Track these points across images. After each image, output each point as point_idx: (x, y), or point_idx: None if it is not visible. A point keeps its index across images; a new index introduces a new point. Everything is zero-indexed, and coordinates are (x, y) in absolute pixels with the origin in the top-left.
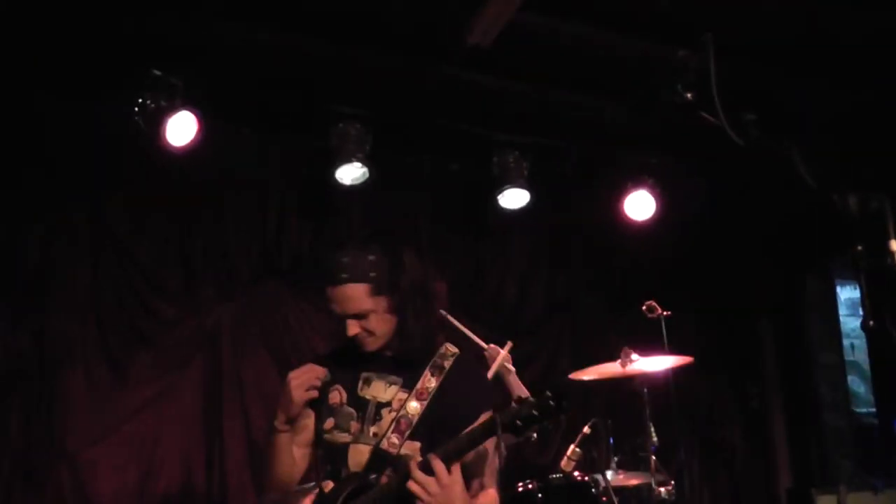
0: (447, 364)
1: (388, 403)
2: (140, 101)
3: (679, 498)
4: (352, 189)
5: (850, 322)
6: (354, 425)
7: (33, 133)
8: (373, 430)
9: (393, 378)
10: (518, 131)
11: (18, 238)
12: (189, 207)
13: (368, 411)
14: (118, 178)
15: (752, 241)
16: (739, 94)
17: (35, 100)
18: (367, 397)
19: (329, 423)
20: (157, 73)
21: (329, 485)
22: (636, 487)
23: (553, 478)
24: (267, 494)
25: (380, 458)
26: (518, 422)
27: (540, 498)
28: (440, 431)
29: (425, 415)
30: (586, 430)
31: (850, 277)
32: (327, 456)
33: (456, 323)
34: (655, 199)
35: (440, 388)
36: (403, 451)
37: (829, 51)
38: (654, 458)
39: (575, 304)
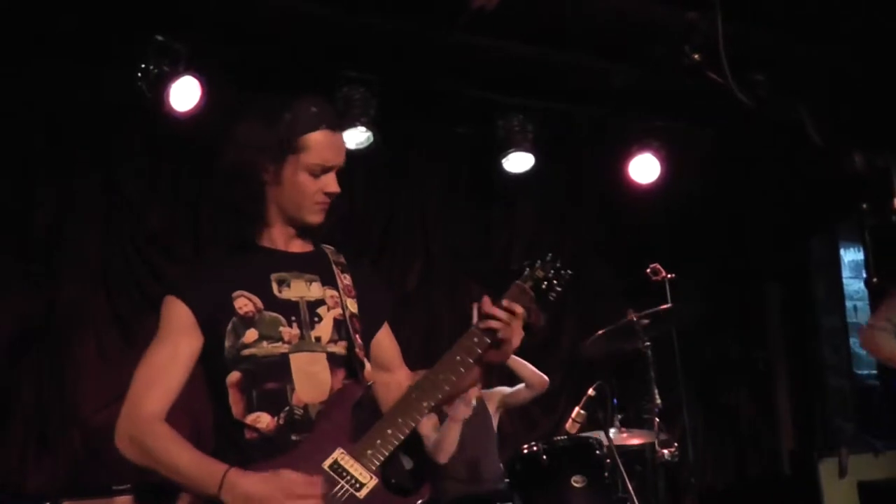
0: (343, 260)
1: (322, 301)
2: (143, 66)
3: (682, 459)
4: (357, 153)
5: (854, 284)
6: (288, 331)
7: (42, 98)
8: (314, 333)
9: (308, 275)
10: (523, 95)
11: (30, 203)
12: (196, 171)
13: (301, 314)
14: (127, 143)
15: (757, 204)
16: (747, 57)
17: (42, 65)
18: (293, 298)
19: (250, 334)
20: (160, 38)
21: (268, 420)
22: (640, 447)
23: (557, 439)
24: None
25: (359, 367)
26: (544, 285)
27: (545, 459)
28: (369, 334)
29: (360, 314)
30: (591, 392)
31: (853, 240)
32: (254, 375)
33: None
34: (661, 162)
35: (355, 285)
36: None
37: (837, 14)
38: (657, 419)
39: (581, 267)
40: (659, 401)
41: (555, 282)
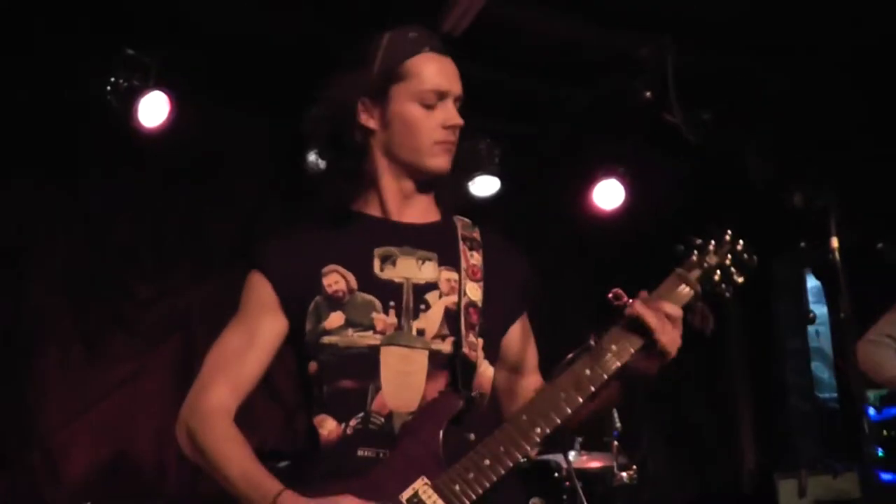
0: (476, 236)
1: (434, 285)
2: (112, 80)
3: (642, 482)
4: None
5: (817, 309)
6: (382, 319)
7: (8, 107)
8: (416, 325)
9: (423, 252)
10: (489, 119)
11: None
12: (164, 187)
13: (404, 298)
14: (95, 155)
15: (720, 226)
16: (697, 92)
17: (9, 72)
18: (397, 279)
19: (334, 318)
20: (130, 52)
21: (332, 427)
22: (599, 470)
23: None
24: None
25: (466, 369)
26: (717, 274)
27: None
28: (494, 325)
29: (484, 304)
30: None
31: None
32: (331, 369)
33: None
34: (625, 187)
35: (485, 266)
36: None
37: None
38: (615, 443)
39: (546, 291)
40: (619, 424)
41: (733, 270)
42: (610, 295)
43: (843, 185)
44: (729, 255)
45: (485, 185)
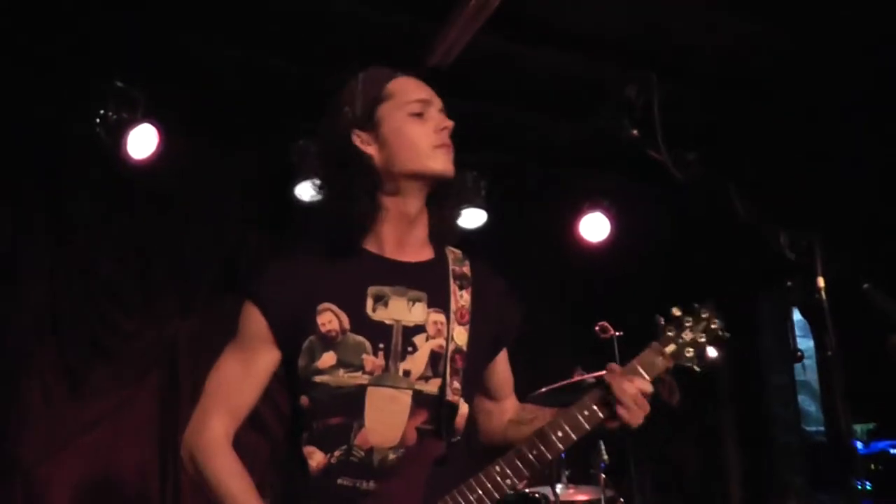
0: (467, 271)
1: (422, 328)
2: (102, 112)
3: None
4: (311, 206)
5: (803, 343)
6: (371, 361)
7: None
8: (403, 366)
9: (414, 293)
10: (476, 152)
11: None
12: (150, 219)
13: (394, 340)
14: (80, 187)
15: (705, 261)
16: (683, 132)
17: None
18: (387, 321)
19: (327, 358)
20: (120, 84)
21: (319, 458)
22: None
23: None
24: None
25: (448, 412)
26: (689, 351)
27: None
28: (476, 367)
29: (469, 347)
30: None
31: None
32: (323, 406)
33: None
34: (611, 220)
35: (473, 306)
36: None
37: (775, 90)
38: (603, 475)
39: (531, 323)
40: (606, 456)
41: (706, 350)
42: (597, 328)
43: (828, 223)
44: (703, 334)
45: (471, 218)
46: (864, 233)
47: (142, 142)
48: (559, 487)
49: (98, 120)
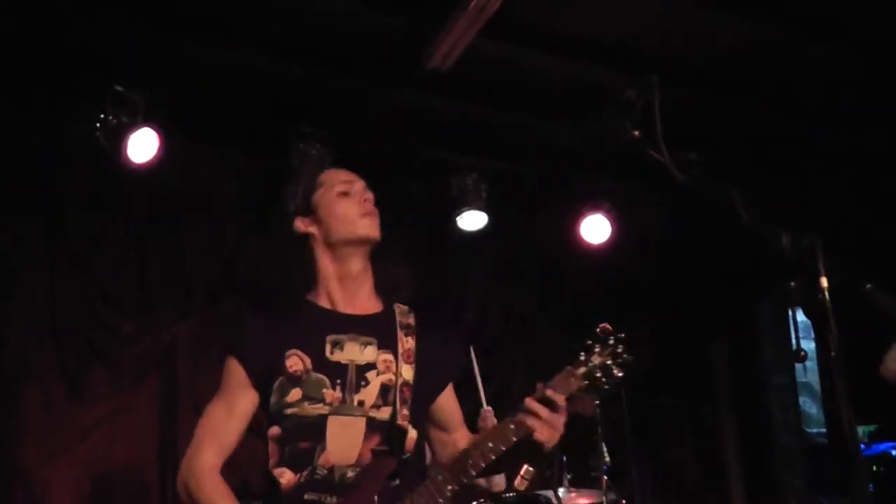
0: (411, 322)
1: (373, 366)
2: (102, 116)
3: None
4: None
5: (804, 344)
6: (330, 394)
7: None
8: (357, 398)
9: (365, 339)
10: (476, 154)
11: None
12: (148, 223)
13: (348, 377)
14: (78, 191)
15: (707, 264)
16: (684, 134)
17: None
18: (343, 361)
19: (294, 394)
20: (119, 88)
21: (289, 477)
22: None
23: (505, 497)
24: None
25: (398, 435)
26: (599, 373)
27: None
28: (422, 400)
29: (415, 382)
30: None
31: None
32: (291, 433)
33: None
34: (611, 223)
35: (418, 349)
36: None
37: (778, 92)
38: (605, 477)
39: (531, 325)
40: (608, 459)
41: (613, 371)
42: (598, 329)
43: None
44: (610, 357)
45: (472, 220)
46: (864, 233)
47: (142, 146)
48: (561, 491)
49: (98, 124)
